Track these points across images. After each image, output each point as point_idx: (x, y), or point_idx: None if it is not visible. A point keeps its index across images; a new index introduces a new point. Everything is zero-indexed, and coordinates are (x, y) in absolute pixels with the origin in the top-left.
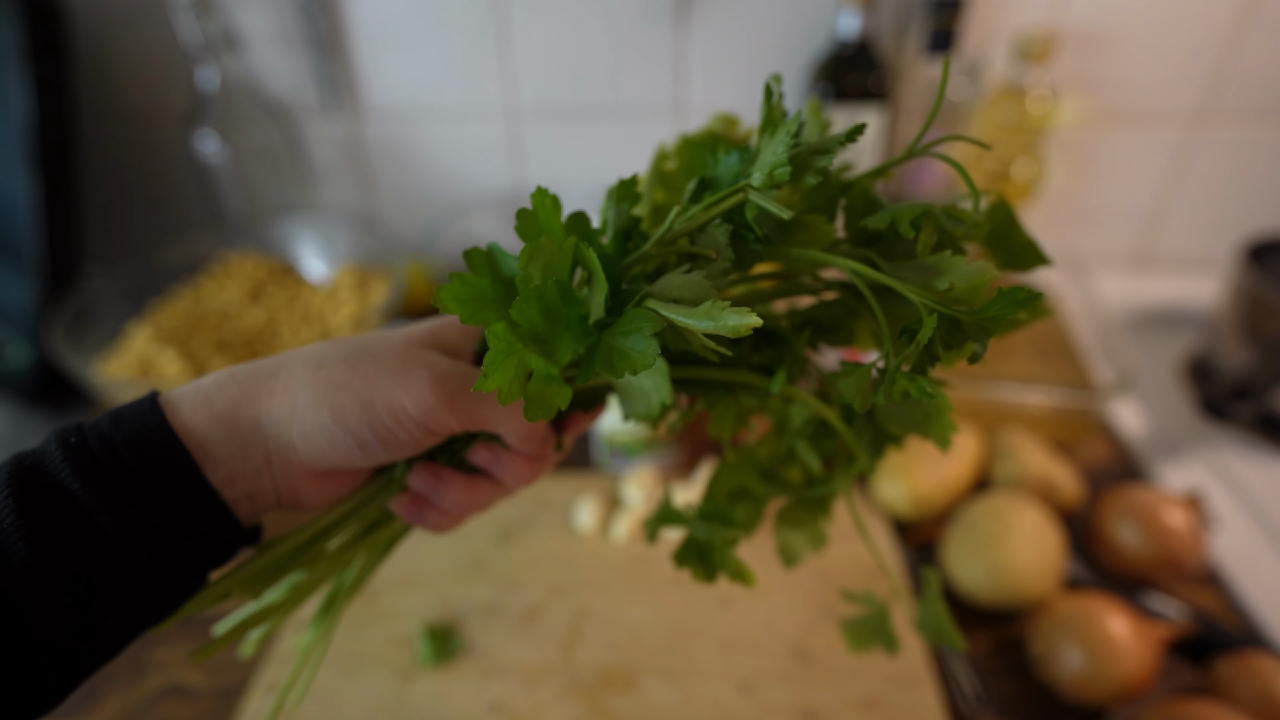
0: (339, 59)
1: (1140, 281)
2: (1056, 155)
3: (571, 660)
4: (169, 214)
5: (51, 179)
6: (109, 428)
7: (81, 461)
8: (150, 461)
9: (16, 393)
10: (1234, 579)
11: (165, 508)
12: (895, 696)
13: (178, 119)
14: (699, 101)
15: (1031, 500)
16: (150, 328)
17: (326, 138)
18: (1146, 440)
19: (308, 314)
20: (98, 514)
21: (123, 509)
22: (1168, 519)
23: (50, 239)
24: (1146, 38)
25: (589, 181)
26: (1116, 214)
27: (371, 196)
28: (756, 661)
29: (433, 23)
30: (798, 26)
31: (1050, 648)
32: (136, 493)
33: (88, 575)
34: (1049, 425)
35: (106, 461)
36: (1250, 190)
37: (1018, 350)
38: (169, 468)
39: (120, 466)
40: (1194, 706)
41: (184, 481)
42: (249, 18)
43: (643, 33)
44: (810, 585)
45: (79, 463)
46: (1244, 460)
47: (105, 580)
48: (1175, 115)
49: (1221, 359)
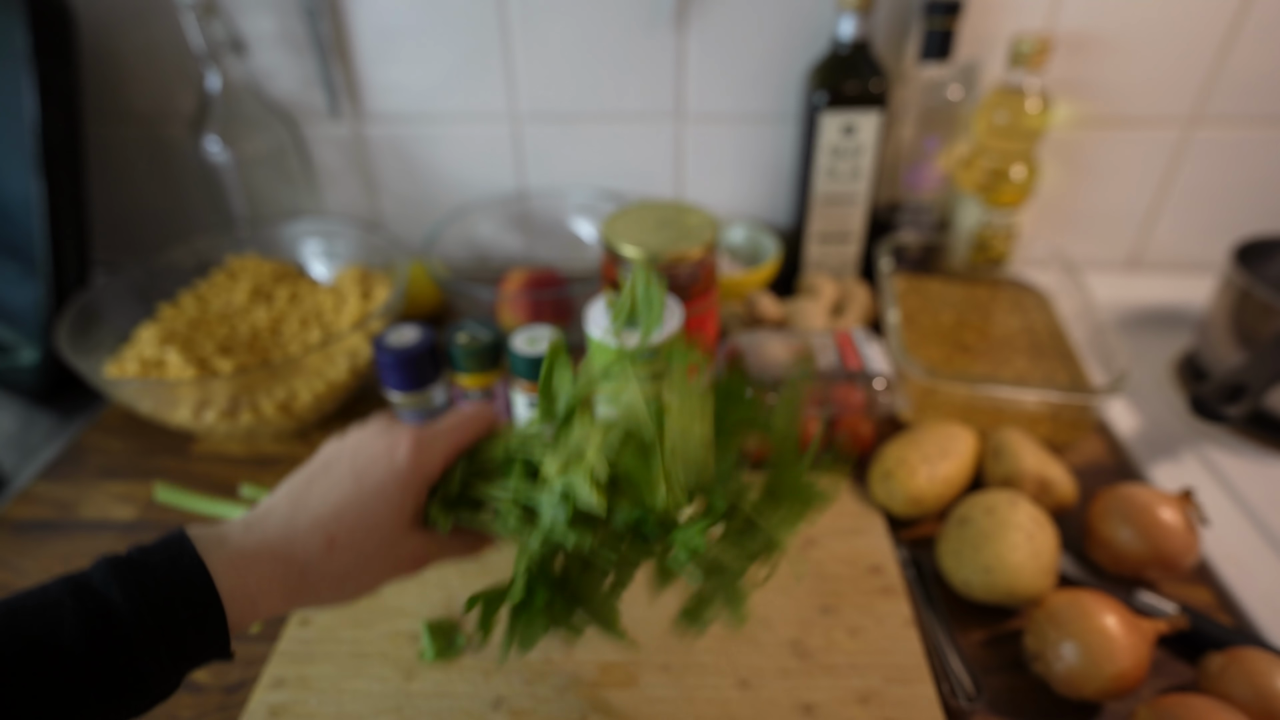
0: (343, 62)
1: (1133, 283)
2: (1051, 158)
3: (572, 656)
4: (175, 216)
5: (59, 181)
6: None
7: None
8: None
9: (24, 393)
10: (1225, 576)
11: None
12: (891, 692)
13: (183, 122)
14: (697, 106)
15: (1026, 498)
16: (156, 329)
17: (331, 141)
18: (1139, 439)
19: (311, 315)
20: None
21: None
22: (1161, 516)
23: (57, 241)
24: (1140, 42)
25: (590, 185)
26: (1110, 216)
27: (375, 199)
28: (755, 658)
29: (436, 27)
30: (795, 31)
31: (1045, 643)
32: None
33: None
34: (1044, 424)
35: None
36: (1242, 193)
37: (1013, 351)
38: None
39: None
40: (1186, 701)
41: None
42: (254, 21)
43: (643, 37)
44: (807, 583)
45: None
46: (1236, 459)
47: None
48: (1168, 119)
49: (1213, 359)
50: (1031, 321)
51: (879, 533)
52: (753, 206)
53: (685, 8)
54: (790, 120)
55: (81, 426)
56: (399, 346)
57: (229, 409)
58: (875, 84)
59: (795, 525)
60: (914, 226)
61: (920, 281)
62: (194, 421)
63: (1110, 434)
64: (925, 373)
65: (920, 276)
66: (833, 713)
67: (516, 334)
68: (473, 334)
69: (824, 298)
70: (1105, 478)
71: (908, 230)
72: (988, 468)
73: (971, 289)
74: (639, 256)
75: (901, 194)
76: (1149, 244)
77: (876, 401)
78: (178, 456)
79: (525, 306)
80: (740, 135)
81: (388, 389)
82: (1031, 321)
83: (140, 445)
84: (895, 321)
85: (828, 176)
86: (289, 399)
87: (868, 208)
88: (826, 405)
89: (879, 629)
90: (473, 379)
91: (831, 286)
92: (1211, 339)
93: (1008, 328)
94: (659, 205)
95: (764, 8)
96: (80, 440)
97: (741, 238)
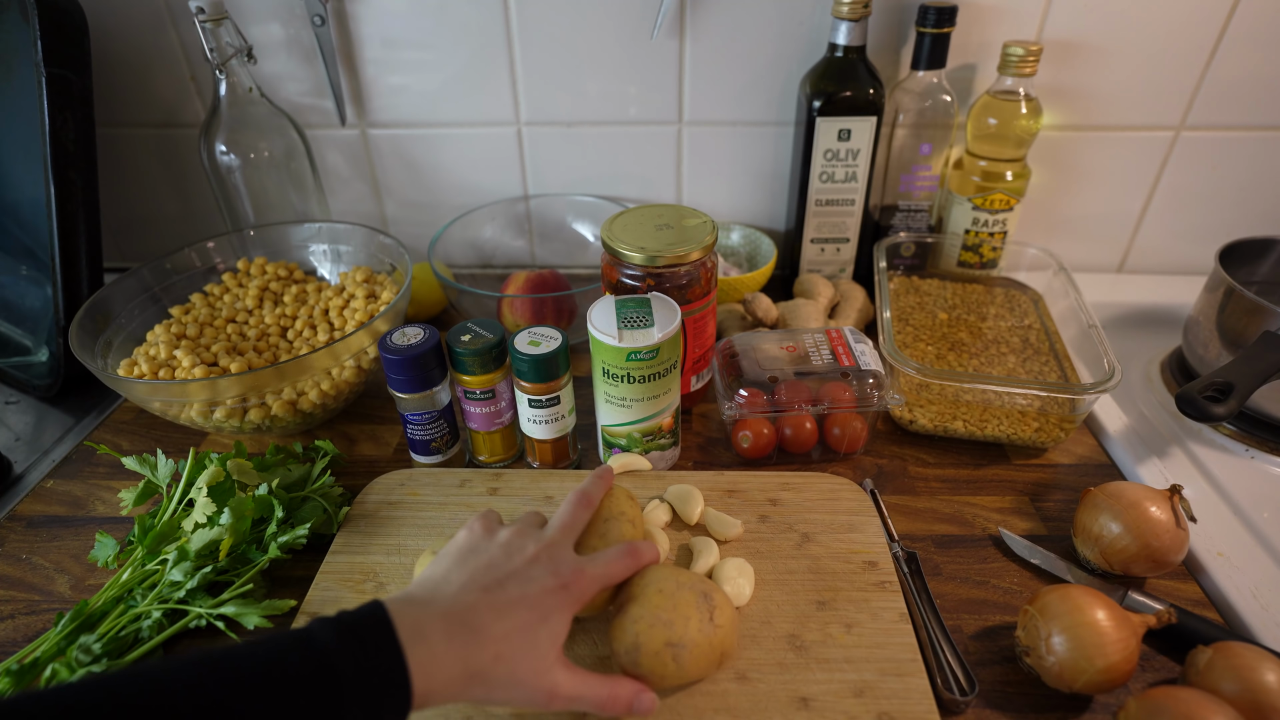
0: (350, 69)
1: (1122, 285)
2: (1041, 162)
3: (572, 652)
4: (185, 219)
5: (71, 185)
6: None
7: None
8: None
9: (36, 392)
10: (1212, 572)
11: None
12: (886, 685)
13: (193, 127)
14: (696, 112)
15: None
16: (166, 329)
17: (337, 145)
18: (1128, 438)
19: (317, 316)
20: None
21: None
22: (1150, 511)
23: (69, 243)
24: (1127, 50)
25: (591, 188)
26: (1099, 219)
27: (380, 202)
28: (752, 651)
29: (440, 35)
30: (792, 38)
31: (1036, 637)
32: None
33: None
34: (1032, 421)
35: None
36: (1227, 197)
37: (1005, 350)
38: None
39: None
40: (1174, 693)
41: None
42: (263, 28)
43: (643, 44)
44: (803, 578)
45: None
46: (1222, 457)
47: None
48: (1155, 124)
49: (1200, 359)
50: (1023, 321)
51: (874, 529)
52: (751, 209)
53: (680, 17)
54: (787, 125)
55: (92, 425)
56: (404, 347)
57: (237, 408)
58: (870, 90)
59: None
60: (909, 229)
61: (915, 282)
62: (203, 420)
63: (1099, 432)
64: (916, 370)
65: (915, 277)
66: (829, 705)
67: (519, 334)
68: (476, 334)
69: (821, 299)
70: (1094, 475)
71: (903, 232)
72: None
73: (966, 289)
74: (639, 258)
75: (896, 197)
76: (1137, 245)
77: (869, 398)
78: (187, 454)
79: (528, 307)
80: (738, 140)
81: (393, 388)
82: (1023, 321)
83: (150, 443)
84: (888, 319)
85: (824, 180)
86: (296, 398)
87: (863, 210)
88: (820, 403)
89: (874, 623)
90: (476, 379)
91: (828, 288)
92: (1198, 339)
93: (1000, 327)
94: (659, 208)
95: (761, 16)
96: (92, 438)
97: (739, 240)
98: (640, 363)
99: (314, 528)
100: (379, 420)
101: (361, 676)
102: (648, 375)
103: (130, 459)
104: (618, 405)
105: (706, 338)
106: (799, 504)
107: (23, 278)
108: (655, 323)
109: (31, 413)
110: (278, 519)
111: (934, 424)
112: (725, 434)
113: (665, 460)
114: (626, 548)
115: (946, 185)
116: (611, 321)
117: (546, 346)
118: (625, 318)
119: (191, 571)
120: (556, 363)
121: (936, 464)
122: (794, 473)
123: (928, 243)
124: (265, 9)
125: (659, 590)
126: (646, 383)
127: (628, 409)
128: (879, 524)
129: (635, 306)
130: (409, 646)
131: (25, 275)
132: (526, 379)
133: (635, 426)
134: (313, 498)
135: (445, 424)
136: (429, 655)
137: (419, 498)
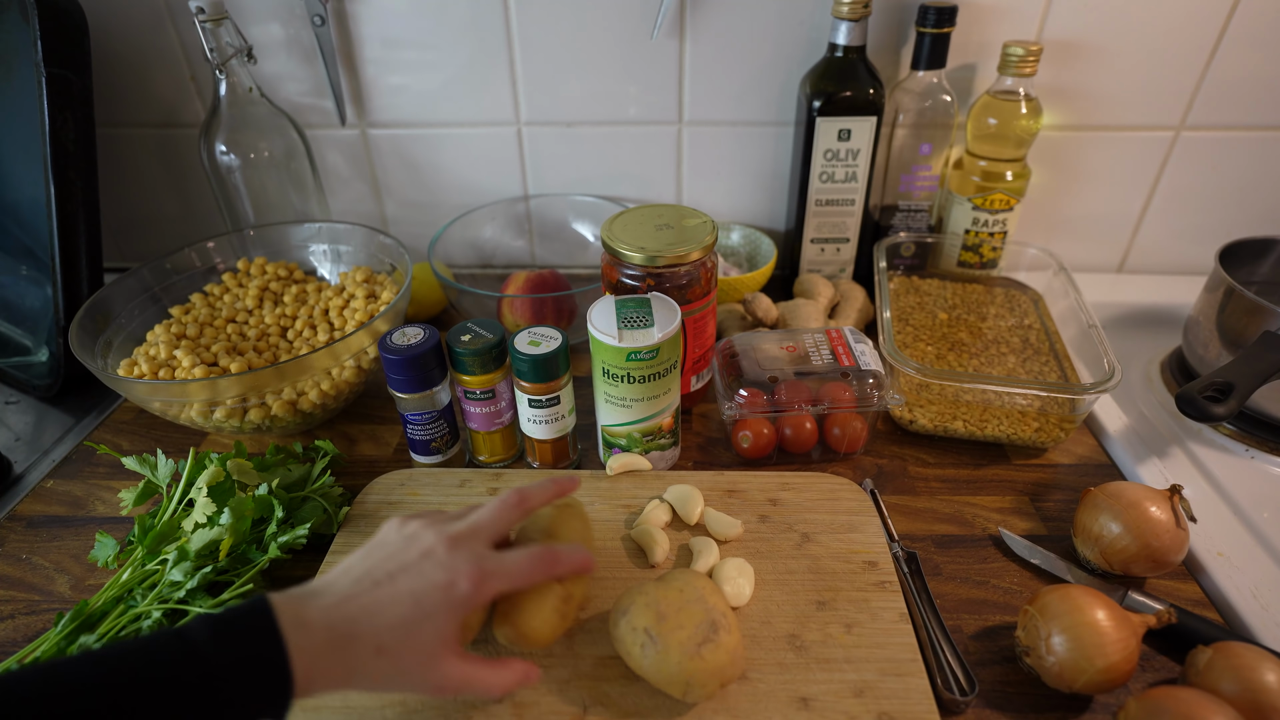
0: (350, 69)
1: (1121, 284)
2: (1041, 162)
3: (573, 650)
4: (185, 219)
5: (71, 185)
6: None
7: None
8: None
9: (38, 393)
10: (1212, 572)
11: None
12: (886, 684)
13: (194, 127)
14: (696, 112)
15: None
16: (167, 331)
17: (337, 145)
18: (1128, 438)
19: (317, 316)
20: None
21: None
22: (1150, 511)
23: (69, 243)
24: (1127, 51)
25: (591, 190)
26: (1099, 219)
27: (380, 202)
28: (753, 651)
29: (440, 35)
30: (792, 38)
31: (1036, 637)
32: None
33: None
34: (1032, 421)
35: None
36: (1227, 197)
37: (1005, 349)
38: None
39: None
40: (1174, 693)
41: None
42: (263, 29)
43: (642, 45)
44: (804, 578)
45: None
46: (1222, 457)
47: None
48: (1155, 124)
49: (1200, 359)
50: (1023, 321)
51: (874, 529)
52: (751, 209)
53: (680, 17)
54: (787, 125)
55: (92, 425)
56: (404, 347)
57: (237, 408)
58: (870, 90)
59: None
60: (909, 229)
61: (915, 282)
62: (203, 420)
63: (1099, 432)
64: (916, 370)
65: (915, 277)
66: (829, 705)
67: (519, 334)
68: (476, 334)
69: (821, 299)
70: (1094, 475)
71: (903, 232)
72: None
73: (966, 289)
74: (639, 258)
75: (896, 197)
76: (1137, 245)
77: (869, 398)
78: (187, 454)
79: (528, 307)
80: (738, 140)
81: (393, 388)
82: (1023, 321)
83: (150, 443)
84: (888, 319)
85: (824, 180)
86: (296, 398)
87: (863, 210)
88: (820, 403)
89: (874, 623)
90: (476, 379)
91: (828, 288)
92: (1198, 339)
93: (1000, 327)
94: (659, 208)
95: (761, 16)
96: (92, 438)
97: (739, 240)
98: (640, 363)
99: (314, 528)
100: (379, 420)
101: (239, 665)
102: (648, 375)
103: (130, 459)
104: (618, 405)
105: (706, 338)
106: (799, 504)
107: (23, 278)
108: (655, 323)
109: (31, 413)
110: (278, 519)
111: (934, 424)
112: (725, 434)
113: (665, 460)
114: (541, 551)
115: (946, 185)
116: (611, 321)
117: (546, 346)
118: (625, 318)
119: (191, 571)
120: (556, 363)
121: (936, 464)
122: (794, 473)
123: (928, 243)
124: (265, 9)
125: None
126: (646, 383)
127: (628, 409)
128: (879, 524)
129: (635, 306)
130: (290, 634)
131: (25, 275)
132: (526, 379)
133: (635, 426)
134: (313, 498)
135: (445, 424)
136: (309, 643)
137: (419, 498)
